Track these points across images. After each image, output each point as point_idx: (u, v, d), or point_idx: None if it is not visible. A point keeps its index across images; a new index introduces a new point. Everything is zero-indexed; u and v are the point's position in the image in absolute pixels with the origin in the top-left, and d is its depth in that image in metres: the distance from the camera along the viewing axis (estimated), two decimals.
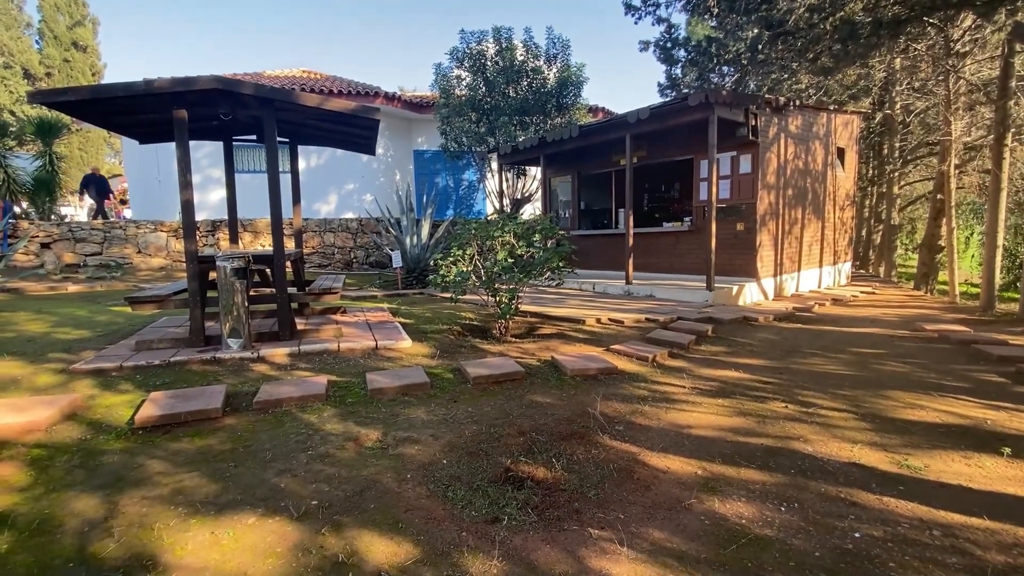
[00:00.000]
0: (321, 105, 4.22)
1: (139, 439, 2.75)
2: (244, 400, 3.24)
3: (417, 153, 15.36)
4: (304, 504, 2.14)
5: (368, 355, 4.37)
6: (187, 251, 4.20)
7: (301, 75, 15.15)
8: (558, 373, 3.91)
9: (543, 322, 5.80)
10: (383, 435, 2.82)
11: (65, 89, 3.72)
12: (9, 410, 2.89)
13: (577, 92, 12.27)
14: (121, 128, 5.27)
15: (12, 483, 2.32)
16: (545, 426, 2.96)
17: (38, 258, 9.40)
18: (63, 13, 25.71)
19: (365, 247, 12.16)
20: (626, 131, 7.87)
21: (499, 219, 5.21)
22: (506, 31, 12.28)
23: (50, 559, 1.81)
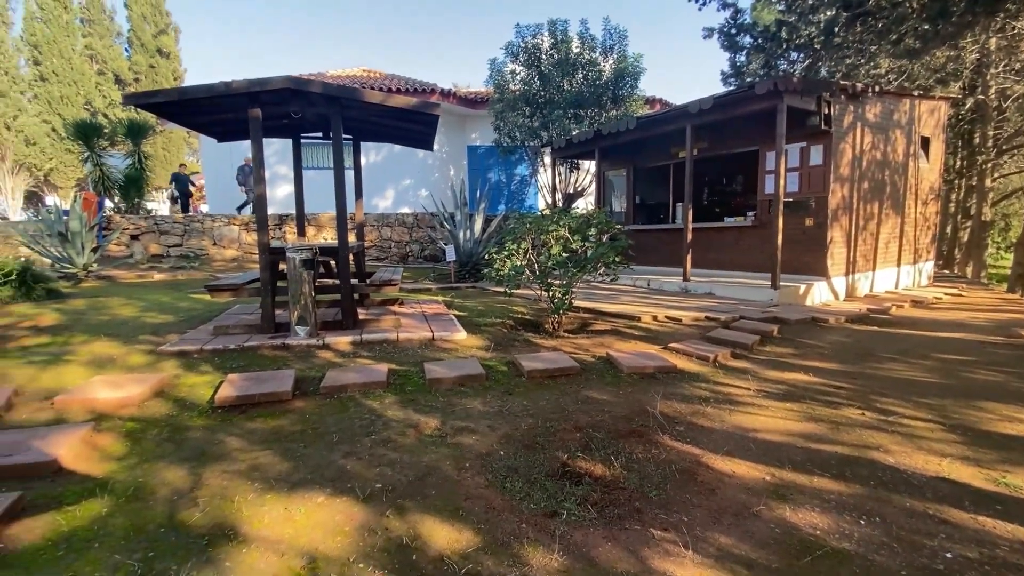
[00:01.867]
0: (384, 102, 4.34)
1: (219, 417, 2.95)
2: (311, 385, 3.40)
3: (471, 149, 15.53)
4: (369, 487, 2.22)
5: (425, 345, 4.47)
6: (260, 243, 4.44)
7: (361, 74, 15.65)
8: (614, 370, 3.84)
9: (596, 318, 5.72)
10: (441, 424, 2.88)
11: (155, 92, 4.03)
12: (107, 386, 3.18)
13: (634, 83, 11.98)
14: (202, 127, 5.65)
15: (110, 452, 2.54)
16: (602, 423, 2.92)
17: (128, 249, 10.28)
18: (149, 22, 27.83)
19: (420, 241, 12.45)
20: (687, 122, 7.60)
21: (553, 213, 5.18)
22: (562, 24, 12.16)
23: (144, 524, 1.98)
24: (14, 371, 3.54)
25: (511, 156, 13.40)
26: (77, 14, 26.48)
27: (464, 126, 15.29)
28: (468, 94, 15.10)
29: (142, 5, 27.62)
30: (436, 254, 12.30)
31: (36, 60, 24.90)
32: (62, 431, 2.61)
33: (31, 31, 24.80)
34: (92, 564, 1.73)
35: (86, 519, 1.99)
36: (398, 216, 12.45)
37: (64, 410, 2.94)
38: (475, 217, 10.17)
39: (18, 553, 1.79)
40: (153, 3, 27.98)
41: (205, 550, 1.81)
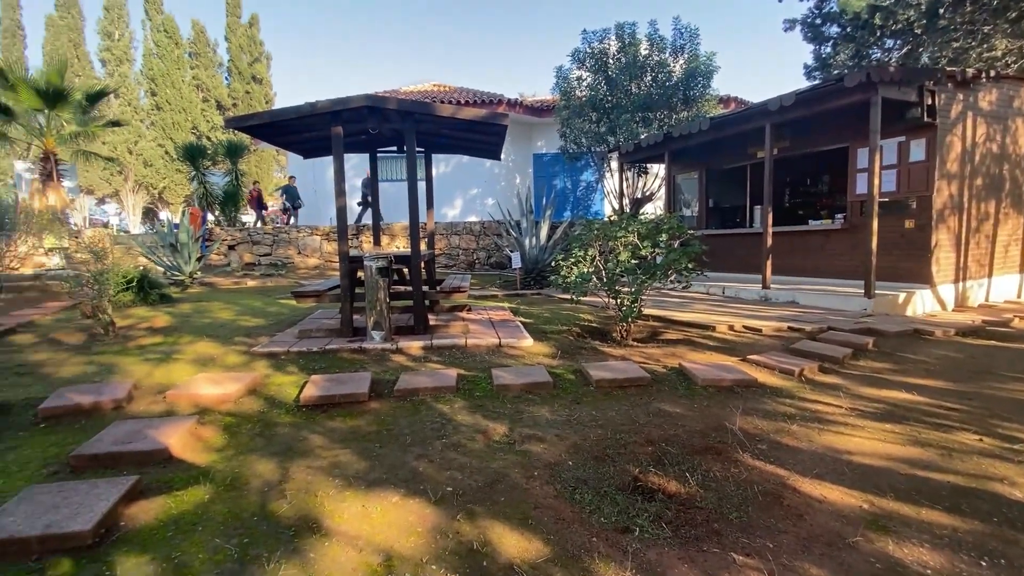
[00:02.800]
0: (455, 115, 4.47)
1: (303, 415, 3.15)
2: (386, 387, 3.55)
3: (536, 156, 15.63)
4: (440, 490, 2.27)
5: (492, 352, 4.53)
6: (340, 252, 4.72)
7: (432, 89, 16.26)
8: (687, 382, 3.68)
9: (667, 327, 5.52)
10: (509, 430, 2.89)
11: (251, 115, 4.42)
12: (209, 383, 3.50)
13: (706, 83, 11.52)
14: (290, 145, 6.12)
15: (211, 443, 2.79)
16: (675, 437, 2.80)
17: (225, 258, 11.32)
18: (245, 52, 30.63)
19: (487, 248, 12.67)
20: (766, 120, 7.20)
21: (622, 218, 5.07)
22: (629, 26, 11.96)
23: (239, 511, 2.15)
24: (134, 367, 3.99)
25: (577, 162, 13.32)
26: (186, 49, 29.67)
27: (530, 134, 15.42)
28: (534, 103, 15.22)
29: (240, 37, 30.47)
30: (502, 261, 12.46)
31: (153, 91, 28.17)
32: (172, 423, 2.91)
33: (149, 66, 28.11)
34: (196, 546, 1.90)
35: (191, 504, 2.19)
36: (466, 224, 12.75)
37: (174, 403, 3.27)
38: (541, 224, 10.20)
39: (136, 531, 2.00)
40: (249, 35, 30.78)
41: (292, 540, 1.93)
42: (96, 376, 3.80)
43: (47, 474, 2.48)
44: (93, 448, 2.62)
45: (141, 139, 27.86)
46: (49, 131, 12.24)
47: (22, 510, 2.05)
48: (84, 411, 3.16)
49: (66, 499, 2.13)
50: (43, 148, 12.27)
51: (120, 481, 2.25)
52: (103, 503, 2.08)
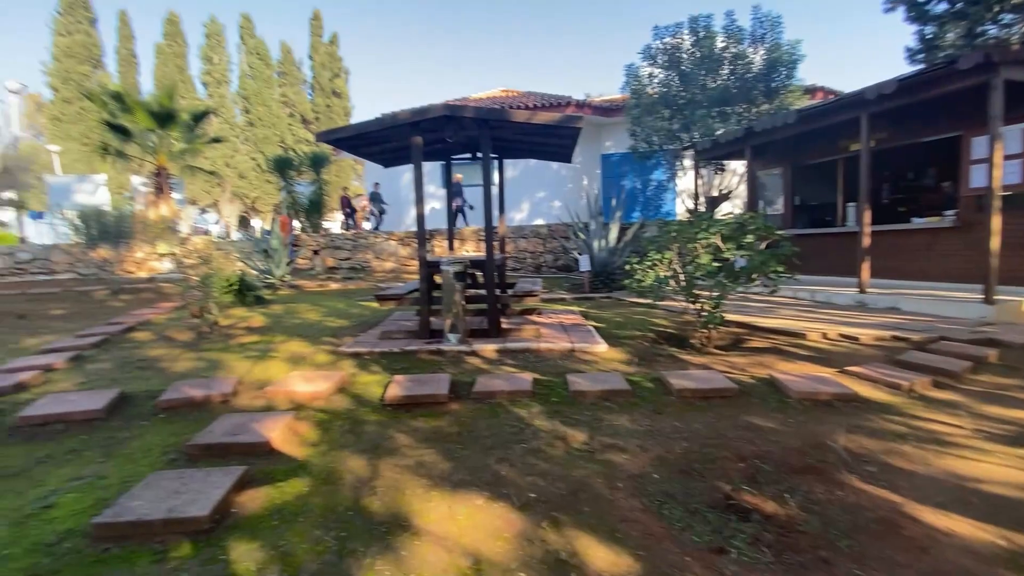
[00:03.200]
0: (530, 120, 4.50)
1: (388, 414, 3.28)
2: (464, 389, 3.62)
3: (604, 157, 15.38)
4: (524, 495, 2.27)
5: (565, 356, 4.49)
6: (419, 257, 4.88)
7: (500, 95, 16.48)
8: (778, 394, 3.45)
9: (751, 334, 5.21)
10: (589, 438, 2.85)
11: (339, 128, 4.70)
12: (302, 381, 3.74)
13: (789, 73, 10.83)
14: (371, 156, 6.43)
15: (307, 438, 2.97)
16: (770, 454, 2.62)
17: (310, 262, 12.10)
18: (327, 68, 32.66)
19: (553, 251, 12.63)
20: (861, 111, 6.63)
21: (701, 219, 4.85)
22: (703, 19, 11.49)
23: (335, 505, 2.26)
24: (236, 363, 4.35)
25: (647, 162, 12.96)
26: (275, 69, 32.13)
27: (598, 135, 15.21)
28: (602, 103, 15.01)
29: (322, 55, 32.55)
30: (569, 264, 12.36)
31: (247, 109, 30.76)
32: (271, 417, 3.13)
33: (243, 87, 30.73)
34: (299, 536, 2.03)
35: (292, 495, 2.34)
36: (532, 228, 12.79)
37: (272, 399, 3.53)
38: (610, 226, 10.01)
39: (246, 518, 2.16)
40: (329, 52, 32.80)
41: (384, 537, 2.01)
42: (205, 372, 4.18)
43: (167, 461, 2.75)
44: (206, 438, 2.87)
45: (236, 153, 30.48)
46: (161, 148, 13.71)
47: (148, 495, 2.27)
48: (196, 403, 3.48)
49: (185, 485, 2.35)
50: (156, 164, 13.77)
51: (231, 471, 2.45)
52: (217, 491, 2.27)
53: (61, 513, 2.25)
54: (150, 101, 13.57)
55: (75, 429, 3.18)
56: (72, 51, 28.45)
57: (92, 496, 2.38)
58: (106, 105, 13.42)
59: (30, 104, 31.30)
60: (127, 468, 2.66)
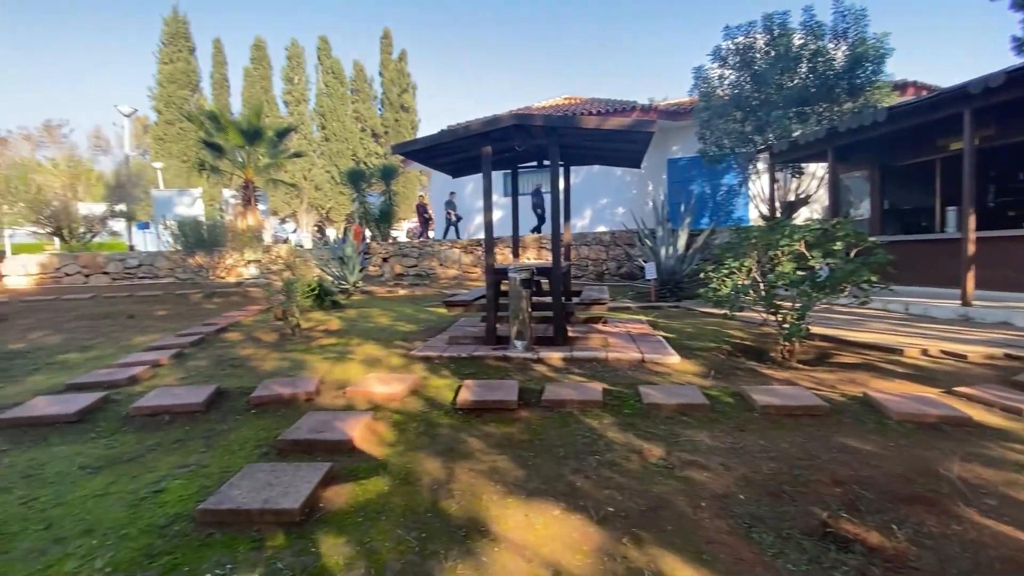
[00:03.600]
0: (600, 126, 4.46)
1: (459, 418, 3.33)
2: (532, 396, 3.61)
3: (671, 162, 14.98)
4: (602, 509, 2.22)
5: (635, 367, 4.37)
6: (486, 265, 4.96)
7: (564, 102, 16.50)
8: (876, 415, 3.17)
9: (838, 348, 4.85)
10: (666, 453, 2.75)
11: (413, 140, 4.88)
12: (378, 383, 3.89)
13: (876, 68, 10.05)
14: (441, 166, 6.63)
15: (385, 438, 3.08)
16: (871, 480, 2.41)
17: (380, 269, 12.63)
18: (396, 84, 34.19)
19: (616, 259, 12.41)
20: (964, 106, 6.06)
21: (784, 225, 4.59)
22: (779, 16, 10.94)
23: (415, 505, 2.32)
24: (317, 364, 4.60)
25: (717, 166, 12.48)
26: (348, 86, 34.02)
27: (664, 139, 14.83)
28: (668, 106, 14.66)
29: (391, 71, 34.11)
30: (633, 271, 12.10)
31: (323, 125, 32.77)
32: (352, 416, 3.27)
33: (320, 104, 32.78)
34: (382, 534, 2.09)
35: (374, 494, 2.42)
36: (595, 235, 12.64)
37: (351, 399, 3.69)
38: (678, 233, 9.70)
39: (333, 513, 2.26)
40: (398, 68, 34.33)
41: (464, 541, 2.03)
42: (289, 371, 4.45)
43: (259, 454, 2.93)
44: (293, 434, 3.04)
45: (313, 167, 32.54)
46: (248, 163, 14.87)
47: (245, 484, 2.43)
48: (284, 401, 3.70)
49: (277, 478, 2.49)
50: (244, 177, 14.94)
51: (318, 467, 2.58)
52: (307, 485, 2.39)
53: (170, 498, 2.46)
54: (240, 120, 14.79)
55: (179, 420, 3.48)
56: (174, 77, 31.63)
57: (196, 483, 2.59)
58: (203, 125, 14.77)
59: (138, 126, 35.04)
60: (225, 459, 2.87)
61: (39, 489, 2.60)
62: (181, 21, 32.18)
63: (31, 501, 2.48)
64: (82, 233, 14.73)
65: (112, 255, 13.17)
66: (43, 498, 2.51)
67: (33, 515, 2.35)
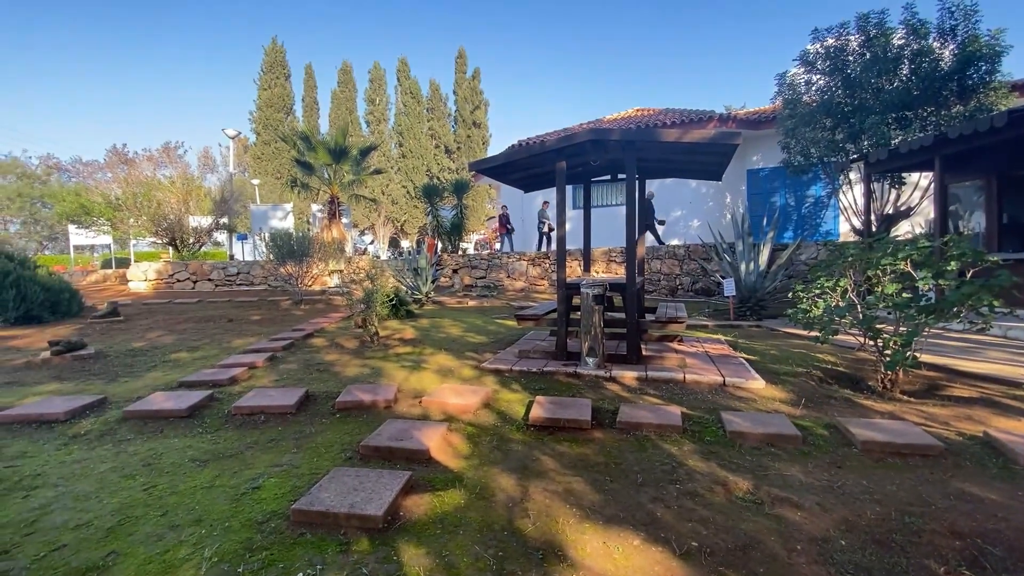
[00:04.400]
0: (680, 139, 4.34)
1: (532, 435, 3.33)
2: (606, 417, 3.54)
3: (751, 172, 14.26)
4: (685, 543, 2.12)
5: (715, 391, 4.16)
6: (558, 279, 4.95)
7: (635, 114, 16.24)
8: (1000, 458, 2.80)
9: (950, 379, 4.34)
10: (754, 488, 2.58)
11: (490, 157, 5.01)
12: (452, 394, 3.98)
13: (991, 68, 9.02)
14: (513, 181, 6.74)
15: (459, 450, 3.14)
16: (996, 533, 2.12)
17: (450, 280, 12.99)
18: (468, 102, 35.31)
19: (691, 273, 11.94)
20: None
21: (887, 242, 4.20)
22: (875, 15, 10.14)
23: (491, 522, 2.34)
24: (394, 372, 4.79)
25: (802, 176, 11.70)
26: (425, 105, 35.59)
27: (743, 149, 14.15)
28: (748, 115, 14.00)
29: (464, 89, 35.30)
30: (708, 287, 11.57)
31: (400, 143, 34.45)
32: (429, 427, 3.37)
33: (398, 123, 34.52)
34: (460, 548, 2.13)
35: (451, 506, 2.47)
36: (668, 248, 12.25)
37: (427, 408, 3.80)
38: (760, 247, 9.17)
39: (413, 523, 2.33)
40: (471, 86, 35.45)
41: (541, 564, 2.02)
42: (369, 377, 4.67)
43: (344, 458, 3.09)
44: (375, 441, 3.18)
45: (391, 182, 34.24)
46: (334, 180, 15.92)
47: (333, 487, 2.57)
48: (365, 407, 3.89)
49: (361, 484, 2.61)
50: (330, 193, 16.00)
51: (399, 475, 2.67)
52: (388, 492, 2.49)
53: (267, 495, 2.64)
54: (328, 140, 15.90)
55: (273, 421, 3.75)
56: (271, 102, 34.66)
57: (289, 483, 2.77)
58: (295, 145, 16.05)
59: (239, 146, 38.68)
60: (314, 460, 3.05)
61: (157, 477, 2.89)
62: (279, 50, 35.29)
63: (151, 488, 2.77)
64: (192, 243, 16.43)
65: (216, 263, 14.57)
66: (161, 486, 2.79)
67: (153, 501, 2.62)
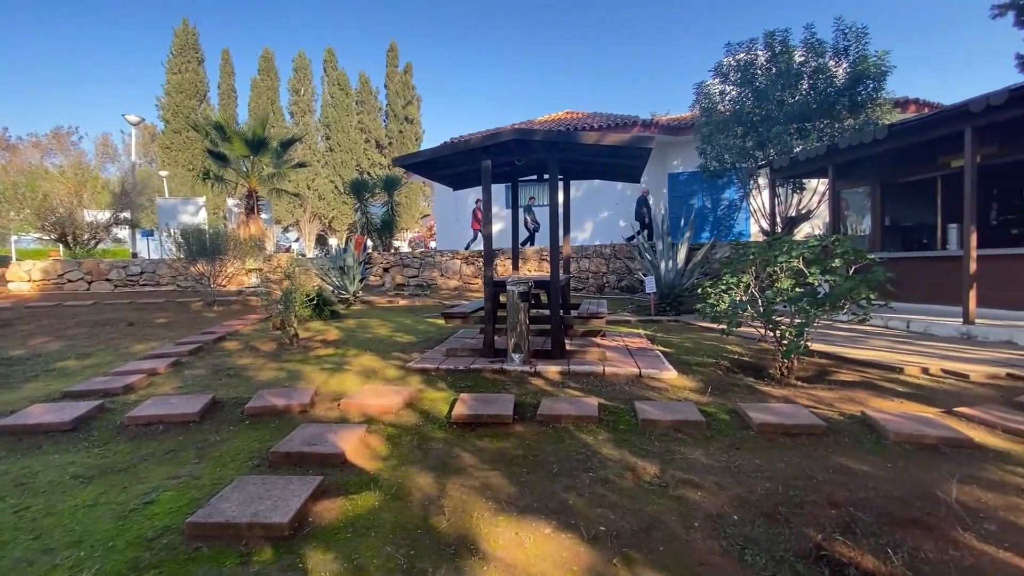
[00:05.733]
0: (599, 141, 4.48)
1: (454, 432, 3.31)
2: (528, 411, 3.59)
3: (672, 176, 15.05)
4: (593, 527, 2.20)
5: (631, 382, 4.35)
6: (485, 277, 4.96)
7: (565, 116, 16.64)
8: (874, 434, 3.14)
9: (837, 365, 4.82)
10: (660, 471, 2.72)
11: (415, 153, 4.92)
12: (374, 395, 3.87)
13: (877, 86, 10.12)
14: (442, 179, 6.67)
15: (378, 452, 3.06)
16: (867, 502, 2.38)
17: (381, 279, 12.65)
18: (400, 96, 34.55)
19: (617, 272, 12.41)
20: (965, 124, 6.08)
21: (783, 241, 4.59)
22: (780, 33, 11.06)
23: (405, 522, 2.30)
24: (313, 375, 4.59)
25: (718, 181, 12.53)
26: (354, 97, 34.38)
27: (665, 154, 14.93)
28: (669, 121, 14.75)
29: (396, 83, 34.49)
30: (633, 285, 12.09)
31: (327, 136, 33.06)
32: (345, 429, 3.25)
33: (325, 115, 33.11)
34: (371, 550, 2.07)
35: (364, 509, 2.40)
36: (596, 248, 12.65)
37: (346, 411, 3.67)
38: (679, 247, 9.70)
39: (322, 528, 2.24)
40: (403, 80, 34.72)
41: (453, 559, 2.01)
42: (286, 382, 4.44)
43: (251, 466, 2.91)
44: (286, 447, 3.03)
45: (317, 177, 32.76)
46: (252, 173, 14.98)
47: (235, 497, 2.42)
48: (278, 412, 3.69)
49: (268, 491, 2.47)
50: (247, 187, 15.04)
51: (309, 480, 2.56)
52: (296, 499, 2.37)
53: (160, 509, 2.44)
54: (245, 130, 14.93)
55: (173, 431, 3.46)
56: (182, 87, 32.02)
57: (187, 495, 2.57)
58: (209, 135, 14.92)
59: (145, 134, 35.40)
60: (217, 470, 2.85)
61: (31, 498, 2.59)
62: (191, 32, 32.67)
63: (23, 510, 2.47)
64: (86, 240, 14.82)
65: (115, 262, 13.24)
66: (35, 507, 2.49)
67: (24, 524, 2.34)
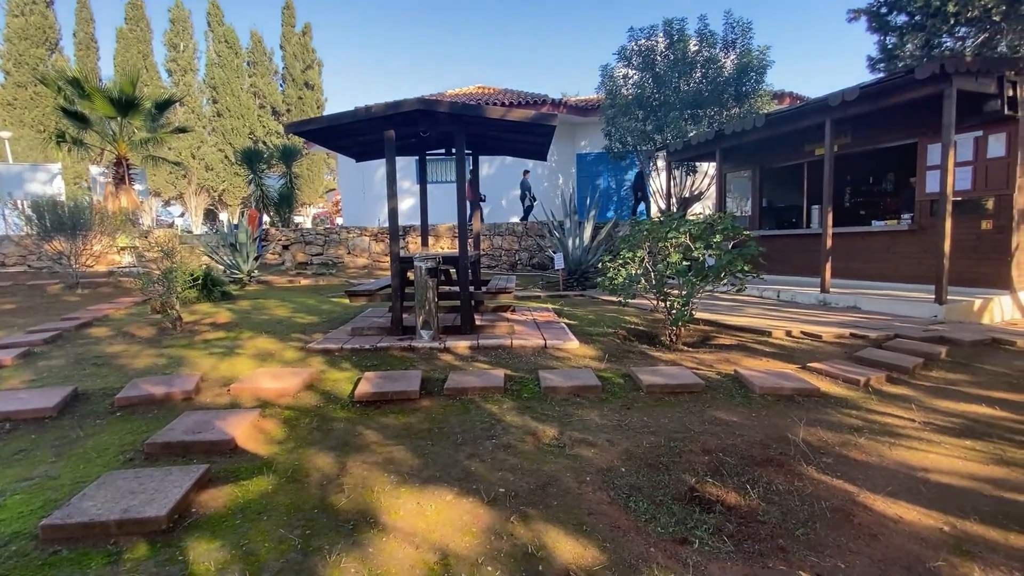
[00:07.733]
0: (504, 117, 4.49)
1: (357, 411, 3.24)
2: (435, 385, 3.60)
3: (580, 156, 15.51)
4: (493, 490, 2.28)
5: (538, 353, 4.51)
6: (392, 253, 4.83)
7: (476, 91, 16.42)
8: (743, 389, 3.55)
9: (719, 331, 5.34)
10: (559, 434, 2.87)
11: (310, 120, 4.59)
12: (270, 378, 3.66)
13: (759, 78, 11.12)
14: (343, 149, 6.32)
15: (273, 436, 2.91)
16: (733, 447, 2.70)
17: (280, 257, 11.81)
18: (299, 59, 31.91)
19: (528, 249, 12.67)
20: (826, 116, 6.86)
21: (672, 219, 4.95)
22: (678, 22, 11.71)
23: (301, 503, 2.22)
24: (200, 360, 4.22)
25: (621, 162, 13.14)
26: (245, 58, 31.19)
27: (573, 134, 15.31)
28: (578, 102, 15.11)
29: (294, 45, 31.77)
30: (544, 262, 12.43)
31: (214, 99, 29.77)
32: (236, 415, 3.05)
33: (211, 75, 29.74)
34: (262, 535, 1.98)
35: (256, 494, 2.29)
36: (508, 225, 12.79)
37: (237, 396, 3.44)
38: (584, 225, 10.09)
39: (207, 518, 2.11)
40: (302, 43, 32.05)
41: (352, 534, 1.98)
42: (167, 368, 4.04)
43: (123, 461, 2.65)
44: (165, 437, 2.78)
45: (204, 144, 29.51)
46: (121, 137, 13.13)
47: (101, 495, 2.19)
48: (157, 401, 3.36)
49: (142, 485, 2.26)
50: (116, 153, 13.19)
51: (191, 469, 2.38)
52: (176, 490, 2.20)
53: (7, 516, 2.15)
54: (110, 88, 12.97)
55: (24, 428, 3.04)
56: (26, 33, 26.99)
57: (41, 497, 2.28)
58: (62, 91, 12.77)
59: None
60: (80, 468, 2.55)
61: None
62: None
63: None
64: None
65: None
66: None
67: None
